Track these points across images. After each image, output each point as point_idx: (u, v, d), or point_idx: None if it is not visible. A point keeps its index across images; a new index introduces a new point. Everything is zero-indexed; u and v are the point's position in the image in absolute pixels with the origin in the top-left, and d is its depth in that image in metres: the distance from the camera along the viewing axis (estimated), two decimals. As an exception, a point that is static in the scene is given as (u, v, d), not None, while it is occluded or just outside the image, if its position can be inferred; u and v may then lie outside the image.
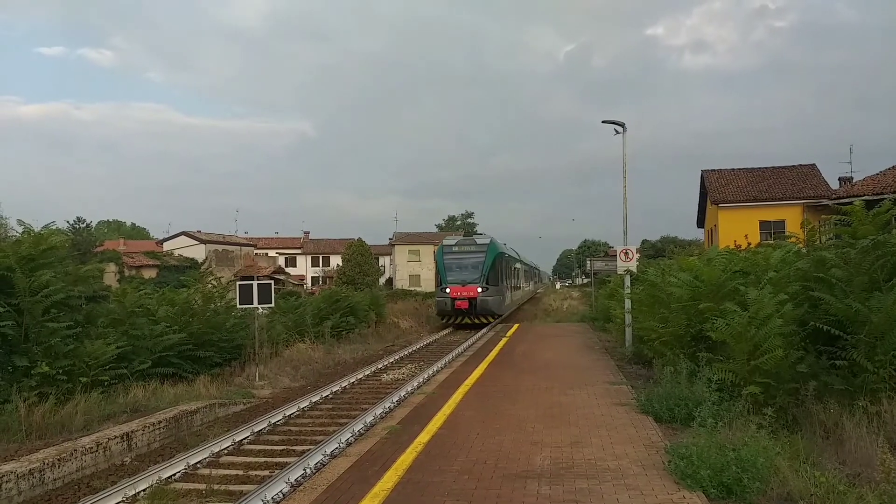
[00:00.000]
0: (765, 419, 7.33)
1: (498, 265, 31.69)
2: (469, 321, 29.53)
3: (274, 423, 11.09)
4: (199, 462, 8.81)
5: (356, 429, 9.98)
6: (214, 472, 8.47)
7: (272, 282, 17.95)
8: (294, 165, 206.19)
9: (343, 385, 14.73)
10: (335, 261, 71.27)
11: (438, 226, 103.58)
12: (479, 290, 29.27)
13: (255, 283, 16.79)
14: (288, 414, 11.70)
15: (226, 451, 9.47)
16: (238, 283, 17.91)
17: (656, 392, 9.55)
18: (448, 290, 29.75)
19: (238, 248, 60.30)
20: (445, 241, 33.85)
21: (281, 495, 7.02)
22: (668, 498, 5.84)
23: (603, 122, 19.18)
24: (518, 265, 43.74)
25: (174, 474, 8.27)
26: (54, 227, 13.27)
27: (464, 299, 29.17)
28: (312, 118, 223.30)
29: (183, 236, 56.93)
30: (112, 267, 41.39)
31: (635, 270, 17.14)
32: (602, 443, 7.81)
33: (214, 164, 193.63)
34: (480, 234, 44.80)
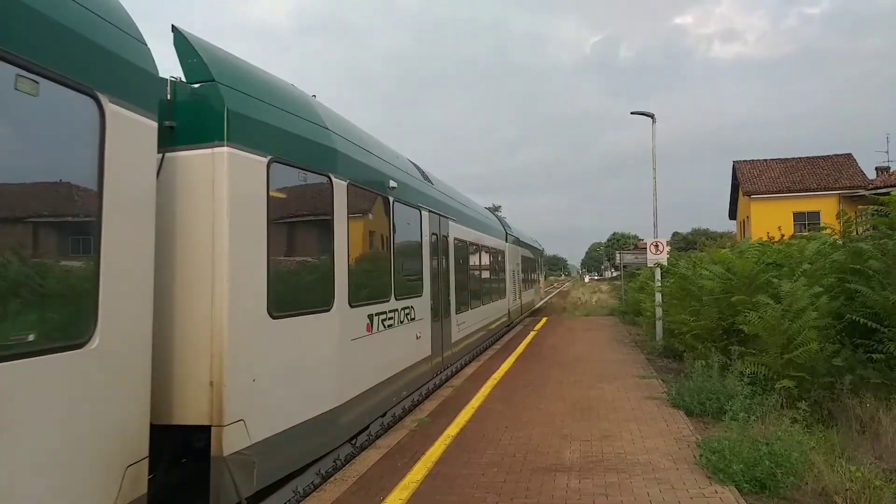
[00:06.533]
0: (799, 413, 7.24)
1: None
2: None
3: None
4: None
5: (385, 421, 10.04)
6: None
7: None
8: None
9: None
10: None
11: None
12: None
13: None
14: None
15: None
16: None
17: (687, 386, 9.46)
18: None
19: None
20: None
21: (312, 486, 7.11)
22: (699, 492, 5.79)
23: (632, 113, 19.03)
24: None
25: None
26: None
27: None
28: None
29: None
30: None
31: (665, 263, 16.96)
32: (632, 436, 7.76)
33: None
34: None
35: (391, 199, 8.81)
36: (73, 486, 3.57)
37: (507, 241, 21.80)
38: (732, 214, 48.37)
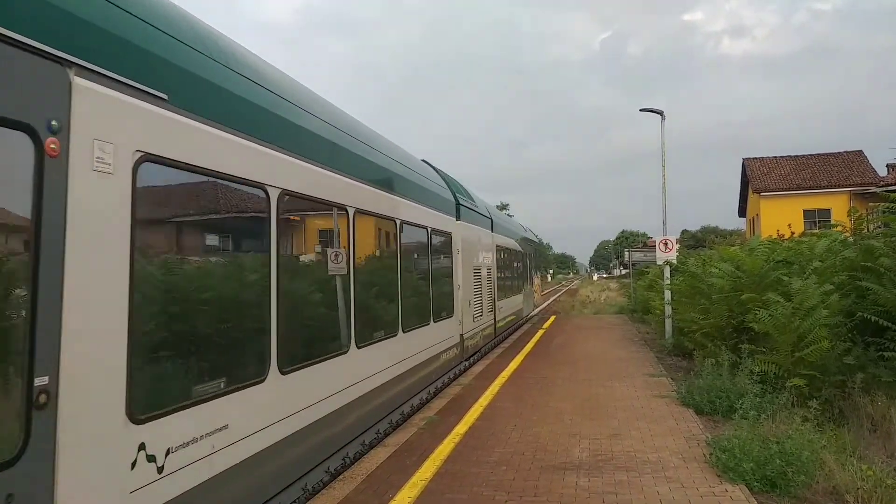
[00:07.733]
0: (810, 412, 7.20)
1: None
2: None
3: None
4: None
5: (394, 419, 10.05)
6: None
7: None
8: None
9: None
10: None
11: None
12: None
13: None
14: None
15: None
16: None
17: (697, 384, 9.43)
18: None
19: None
20: None
21: (321, 484, 7.12)
22: (709, 491, 5.77)
23: (641, 110, 18.97)
24: None
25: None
26: None
27: None
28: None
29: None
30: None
31: (675, 261, 16.90)
32: (642, 435, 7.74)
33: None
34: None
35: None
36: None
37: (458, 219, 13.11)
38: (742, 212, 48.16)
